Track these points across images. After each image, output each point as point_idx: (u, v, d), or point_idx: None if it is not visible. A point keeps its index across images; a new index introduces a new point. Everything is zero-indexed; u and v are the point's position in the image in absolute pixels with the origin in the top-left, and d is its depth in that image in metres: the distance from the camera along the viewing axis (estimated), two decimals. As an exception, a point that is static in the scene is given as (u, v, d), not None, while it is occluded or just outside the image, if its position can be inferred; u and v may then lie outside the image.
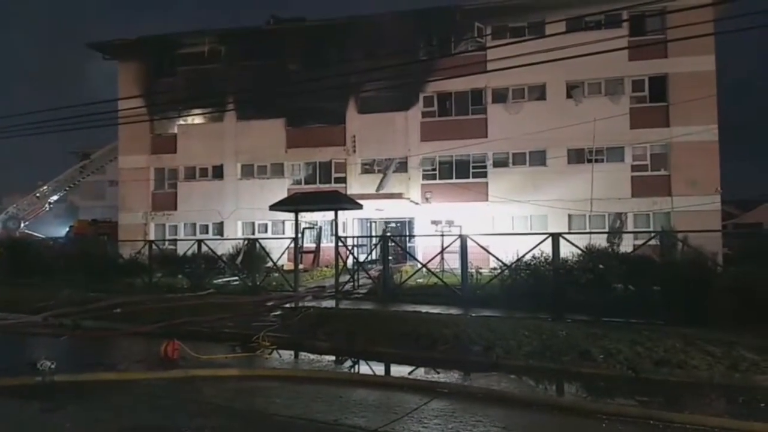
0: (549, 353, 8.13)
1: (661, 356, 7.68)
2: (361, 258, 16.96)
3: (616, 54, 19.47)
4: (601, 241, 14.02)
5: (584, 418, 6.01)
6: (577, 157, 23.69)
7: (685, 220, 20.54)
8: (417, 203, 24.90)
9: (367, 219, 26.56)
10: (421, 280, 15.31)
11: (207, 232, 27.68)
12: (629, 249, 12.36)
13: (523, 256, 12.14)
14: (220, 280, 17.33)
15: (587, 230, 21.78)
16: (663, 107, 22.95)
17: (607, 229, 22.23)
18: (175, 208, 28.54)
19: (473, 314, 10.98)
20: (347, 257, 16.55)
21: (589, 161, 23.21)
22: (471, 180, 24.81)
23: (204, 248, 17.21)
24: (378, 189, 25.29)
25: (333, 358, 9.18)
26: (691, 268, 10.39)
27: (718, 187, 21.93)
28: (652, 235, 13.44)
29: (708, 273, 10.47)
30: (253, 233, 26.65)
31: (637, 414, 5.99)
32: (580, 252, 11.72)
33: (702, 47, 20.60)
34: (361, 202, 17.36)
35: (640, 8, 19.73)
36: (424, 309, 11.77)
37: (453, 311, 11.48)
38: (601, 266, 11.11)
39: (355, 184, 25.96)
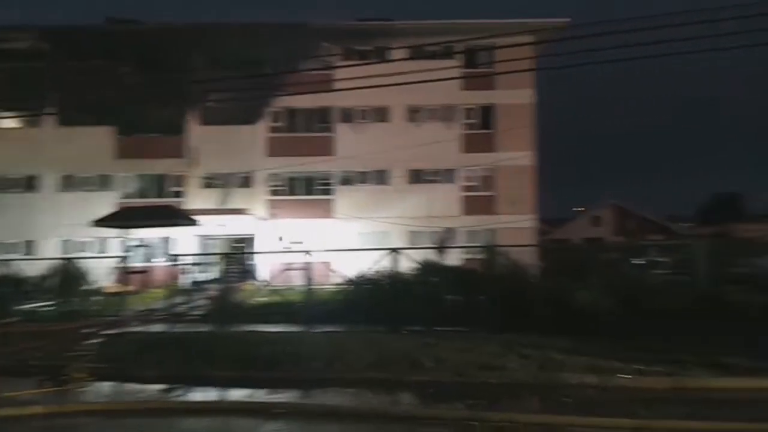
0: (385, 364, 8.39)
1: (485, 361, 8.35)
2: (201, 278, 16.05)
3: (452, 83, 21.17)
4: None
5: (415, 425, 6.27)
6: (416, 177, 25.12)
7: (508, 235, 22.76)
8: (262, 219, 24.33)
9: (208, 236, 25.26)
10: (264, 299, 14.90)
11: (17, 252, 24.11)
12: (460, 263, 13.32)
13: (365, 271, 12.44)
14: (27, 306, 15.13)
15: (426, 246, 23.07)
16: (490, 134, 25.36)
17: (443, 245, 23.77)
18: (-24, 224, 24.48)
19: (315, 330, 10.96)
20: (183, 277, 15.55)
21: (426, 182, 24.76)
22: (317, 197, 24.96)
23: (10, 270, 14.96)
24: (221, 204, 24.22)
25: (163, 386, 8.46)
26: (512, 280, 11.50)
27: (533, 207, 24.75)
28: (479, 249, 14.59)
29: (527, 284, 11.65)
30: (77, 253, 23.82)
31: (459, 417, 6.42)
32: (417, 266, 12.33)
33: (523, 81, 23.22)
34: (202, 218, 16.54)
35: (473, 42, 21.74)
36: (265, 328, 11.45)
37: (295, 328, 11.34)
38: (434, 279, 11.79)
39: (196, 199, 24.58)
